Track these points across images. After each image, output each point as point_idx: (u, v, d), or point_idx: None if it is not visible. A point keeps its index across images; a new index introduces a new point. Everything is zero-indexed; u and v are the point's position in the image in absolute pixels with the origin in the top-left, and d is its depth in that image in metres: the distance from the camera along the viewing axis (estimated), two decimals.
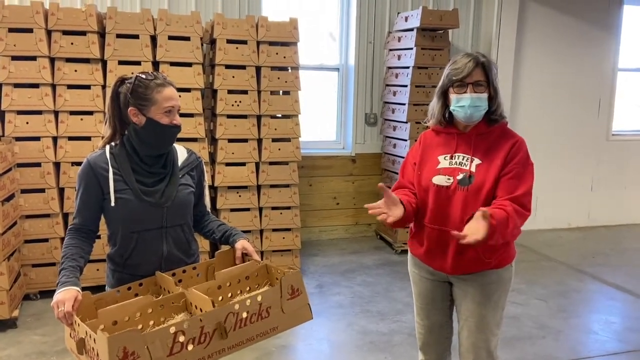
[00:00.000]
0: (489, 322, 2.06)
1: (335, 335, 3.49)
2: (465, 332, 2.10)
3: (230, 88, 4.19)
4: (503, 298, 2.09)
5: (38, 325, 3.49)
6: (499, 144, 2.00)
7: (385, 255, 5.03)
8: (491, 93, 1.98)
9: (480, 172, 1.97)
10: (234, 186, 4.26)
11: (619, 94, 6.21)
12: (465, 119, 1.99)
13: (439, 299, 2.17)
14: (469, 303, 2.07)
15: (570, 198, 5.99)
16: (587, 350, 3.37)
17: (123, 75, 1.87)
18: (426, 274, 2.16)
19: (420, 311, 2.22)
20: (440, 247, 2.04)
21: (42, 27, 3.75)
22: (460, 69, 1.95)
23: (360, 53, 5.31)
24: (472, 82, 1.94)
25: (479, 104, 1.96)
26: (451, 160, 2.03)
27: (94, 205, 1.84)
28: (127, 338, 1.35)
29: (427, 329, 2.22)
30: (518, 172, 1.94)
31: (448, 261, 2.03)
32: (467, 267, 2.02)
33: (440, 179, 2.01)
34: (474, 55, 1.98)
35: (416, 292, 2.23)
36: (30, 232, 3.82)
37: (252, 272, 1.84)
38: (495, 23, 5.48)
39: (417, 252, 2.15)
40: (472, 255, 1.98)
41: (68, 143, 3.87)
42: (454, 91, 1.98)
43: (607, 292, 4.32)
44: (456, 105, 1.98)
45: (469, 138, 2.03)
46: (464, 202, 1.96)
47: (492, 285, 2.05)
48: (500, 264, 2.04)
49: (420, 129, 4.95)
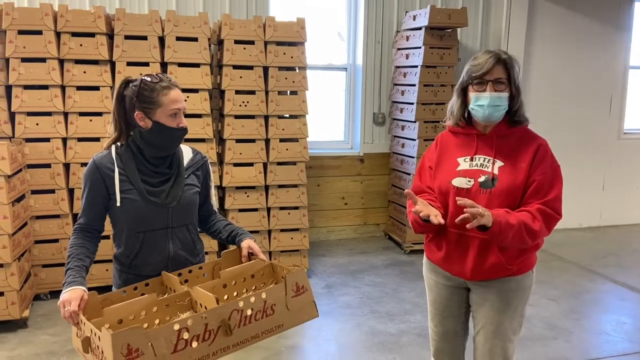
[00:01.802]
0: (507, 328, 2.00)
1: (344, 335, 3.48)
2: (482, 338, 2.03)
3: (238, 88, 4.20)
4: (522, 305, 2.02)
5: (48, 325, 3.52)
6: (522, 146, 1.93)
7: (394, 255, 5.01)
8: (512, 92, 1.90)
9: (504, 175, 1.89)
10: (242, 186, 4.26)
11: (630, 93, 6.14)
12: (483, 119, 1.92)
13: (455, 306, 2.10)
14: (487, 309, 2.00)
15: (582, 198, 5.93)
16: (599, 351, 3.33)
17: (127, 77, 1.86)
18: (443, 280, 2.09)
19: (435, 317, 2.16)
20: (460, 251, 1.97)
21: (51, 29, 3.79)
22: (481, 64, 1.87)
23: (368, 52, 5.30)
24: (492, 79, 1.87)
25: (499, 104, 1.88)
26: (471, 162, 1.96)
27: (100, 205, 1.84)
28: (131, 335, 1.35)
29: (441, 335, 2.15)
30: (548, 177, 1.89)
31: (468, 266, 1.96)
32: (488, 273, 1.95)
33: (460, 181, 1.94)
34: (495, 51, 1.90)
35: (431, 298, 2.17)
36: (41, 232, 3.85)
37: (257, 271, 1.83)
38: (505, 21, 5.44)
39: (435, 257, 2.08)
40: (493, 261, 1.92)
41: (77, 144, 3.90)
42: (473, 89, 1.91)
43: (618, 293, 4.27)
44: (475, 104, 1.90)
45: (489, 139, 1.96)
46: (487, 205, 1.88)
47: (512, 292, 1.98)
48: (521, 271, 1.97)
49: (428, 129, 4.93)
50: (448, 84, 4.95)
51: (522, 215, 1.85)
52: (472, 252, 1.94)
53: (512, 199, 1.89)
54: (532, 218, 1.84)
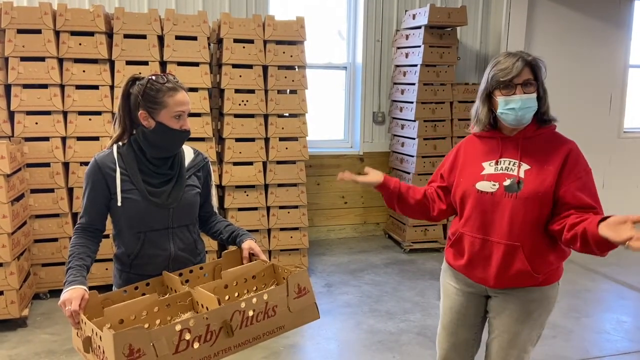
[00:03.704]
0: (524, 339, 1.94)
1: (344, 334, 3.48)
2: (496, 346, 1.97)
3: (238, 87, 4.19)
4: (544, 316, 1.95)
5: (48, 324, 3.51)
6: (550, 149, 1.88)
7: (393, 254, 5.01)
8: (540, 93, 1.87)
9: (530, 178, 1.84)
10: (241, 185, 4.26)
11: (630, 91, 6.13)
12: (515, 122, 1.86)
13: (472, 315, 2.04)
14: (506, 318, 1.94)
15: None
16: (599, 350, 3.33)
17: (135, 75, 1.85)
18: (463, 287, 2.02)
19: (449, 326, 2.08)
20: (483, 257, 1.91)
21: (50, 28, 3.78)
22: (509, 69, 1.82)
23: (367, 51, 5.29)
24: (520, 82, 1.82)
25: (530, 105, 1.84)
26: (497, 166, 1.90)
27: (101, 204, 1.83)
28: (132, 335, 1.35)
29: (452, 345, 2.08)
30: (585, 182, 1.84)
31: (491, 273, 1.89)
32: (512, 281, 1.89)
33: (484, 185, 1.89)
34: (518, 54, 1.86)
35: (447, 306, 2.09)
36: (40, 231, 3.84)
37: (258, 272, 1.83)
38: (504, 20, 5.43)
39: (457, 263, 2.01)
40: (519, 267, 1.85)
41: (77, 143, 3.89)
42: (501, 93, 1.85)
43: (618, 292, 4.27)
44: (505, 108, 1.84)
45: (515, 142, 1.91)
46: (512, 209, 1.83)
47: (535, 303, 1.92)
48: (547, 281, 1.92)
49: (428, 128, 4.94)
50: (448, 83, 4.95)
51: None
52: (495, 257, 1.88)
53: (538, 203, 1.83)
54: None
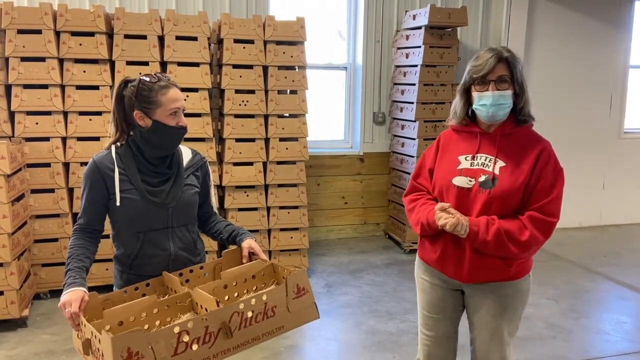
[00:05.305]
0: (503, 332, 1.98)
1: (343, 335, 3.48)
2: (478, 342, 2.01)
3: (238, 88, 4.19)
4: (520, 309, 2.00)
5: (48, 324, 3.52)
6: (525, 147, 1.90)
7: (393, 254, 5.01)
8: (516, 90, 1.88)
9: (505, 176, 1.86)
10: (241, 186, 4.26)
11: (630, 92, 6.13)
12: (488, 119, 1.89)
13: (450, 309, 2.06)
14: (484, 315, 1.97)
15: (582, 197, 5.92)
16: (598, 350, 3.33)
17: (126, 77, 1.86)
18: (438, 281, 2.04)
19: (429, 321, 2.10)
20: (457, 253, 1.93)
21: (50, 29, 3.78)
22: (481, 65, 1.84)
23: (368, 52, 5.29)
24: (494, 79, 1.84)
25: (503, 102, 1.85)
26: (473, 160, 1.92)
27: (100, 204, 1.84)
28: (131, 338, 1.35)
29: (434, 340, 2.10)
30: (549, 181, 1.86)
31: (464, 269, 1.92)
32: (485, 276, 1.92)
33: (461, 181, 1.91)
34: (497, 49, 1.87)
35: (425, 301, 2.10)
36: (40, 231, 3.85)
37: (258, 271, 1.83)
38: (505, 20, 5.43)
39: (429, 257, 2.03)
40: (491, 262, 1.88)
41: (77, 143, 3.89)
42: (476, 89, 1.88)
43: (618, 292, 4.27)
44: (478, 104, 1.88)
45: (493, 138, 1.92)
46: (486, 205, 1.86)
47: (509, 297, 1.95)
48: (519, 275, 1.95)
49: (428, 128, 4.93)
50: (448, 83, 4.95)
51: (510, 225, 1.83)
52: (468, 253, 1.90)
53: (511, 200, 1.86)
54: (521, 227, 1.82)
